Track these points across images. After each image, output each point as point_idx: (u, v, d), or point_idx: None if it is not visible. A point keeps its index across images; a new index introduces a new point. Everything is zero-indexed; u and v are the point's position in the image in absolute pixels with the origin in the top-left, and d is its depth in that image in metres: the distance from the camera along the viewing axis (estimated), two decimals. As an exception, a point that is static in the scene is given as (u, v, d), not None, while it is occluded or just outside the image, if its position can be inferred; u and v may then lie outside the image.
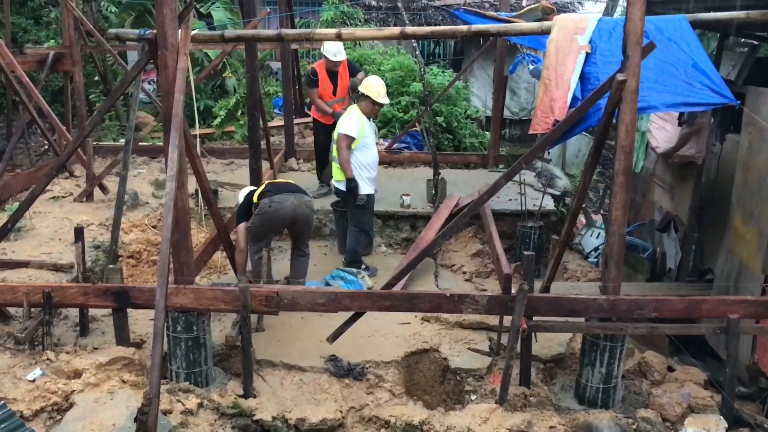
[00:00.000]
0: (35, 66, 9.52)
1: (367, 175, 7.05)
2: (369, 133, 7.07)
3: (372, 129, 7.20)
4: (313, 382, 5.23)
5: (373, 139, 7.16)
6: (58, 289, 5.12)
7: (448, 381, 5.56)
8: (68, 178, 9.28)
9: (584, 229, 10.18)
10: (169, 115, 4.65)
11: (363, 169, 7.01)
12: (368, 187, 7.08)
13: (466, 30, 5.71)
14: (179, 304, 4.83)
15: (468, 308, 4.92)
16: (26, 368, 4.91)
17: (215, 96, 14.02)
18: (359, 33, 6.69)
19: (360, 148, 6.97)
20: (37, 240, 7.10)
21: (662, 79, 4.99)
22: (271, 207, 6.01)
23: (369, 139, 7.06)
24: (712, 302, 4.93)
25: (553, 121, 5.15)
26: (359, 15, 15.08)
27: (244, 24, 8.19)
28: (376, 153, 7.20)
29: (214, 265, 7.25)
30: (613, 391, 5.00)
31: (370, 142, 7.06)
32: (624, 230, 4.83)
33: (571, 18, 5.58)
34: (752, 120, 6.40)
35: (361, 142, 6.95)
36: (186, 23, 4.82)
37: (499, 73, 10.08)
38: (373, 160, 7.13)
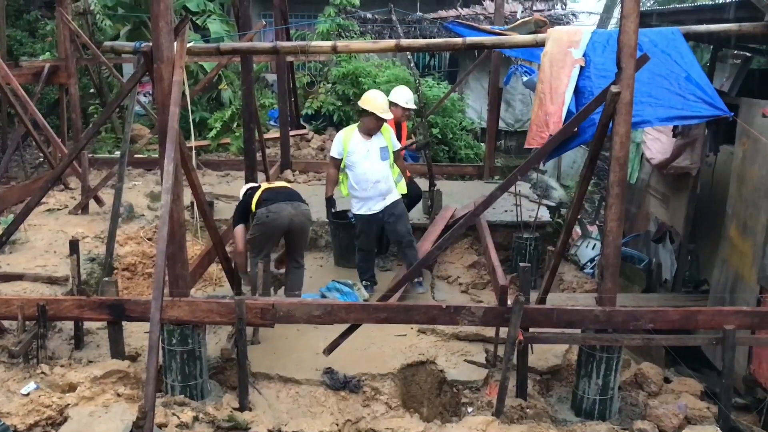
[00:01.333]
0: (31, 79, 9.53)
1: (356, 194, 6.81)
2: (358, 150, 6.70)
3: (372, 145, 6.73)
4: (309, 394, 5.21)
5: (365, 156, 6.70)
6: (52, 302, 5.10)
7: (445, 393, 5.54)
8: (63, 191, 9.27)
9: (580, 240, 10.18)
10: (165, 127, 4.66)
11: (352, 188, 6.83)
12: (357, 207, 6.85)
13: (461, 42, 5.74)
14: (174, 316, 4.81)
15: (464, 320, 4.92)
16: (20, 382, 4.87)
17: (211, 108, 14.02)
18: (355, 45, 6.75)
19: (348, 166, 6.77)
20: (32, 253, 7.07)
21: (656, 93, 5.01)
22: (269, 217, 5.97)
23: (356, 156, 6.70)
24: (708, 313, 4.93)
25: (548, 135, 5.17)
26: (355, 27, 15.13)
27: (240, 37, 8.20)
28: (368, 170, 6.69)
29: (210, 278, 7.23)
30: (610, 403, 4.99)
31: (357, 160, 6.70)
32: (619, 241, 4.84)
33: (565, 31, 5.62)
34: (746, 131, 6.44)
35: (347, 160, 6.74)
36: (182, 36, 4.83)
37: (494, 84, 10.13)
38: (361, 179, 6.72)
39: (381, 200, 6.78)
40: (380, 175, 6.72)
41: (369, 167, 6.69)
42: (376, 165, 6.71)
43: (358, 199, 6.83)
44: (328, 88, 13.69)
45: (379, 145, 6.76)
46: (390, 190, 6.84)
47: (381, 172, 6.73)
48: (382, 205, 6.78)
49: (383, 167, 6.75)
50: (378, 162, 6.72)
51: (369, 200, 6.76)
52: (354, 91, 13.12)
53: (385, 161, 6.77)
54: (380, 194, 6.76)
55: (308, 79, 14.43)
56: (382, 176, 6.73)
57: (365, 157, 6.69)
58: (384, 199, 6.78)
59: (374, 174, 6.70)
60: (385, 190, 6.78)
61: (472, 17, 15.63)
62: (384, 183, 6.75)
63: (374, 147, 6.73)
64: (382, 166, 6.75)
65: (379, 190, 6.74)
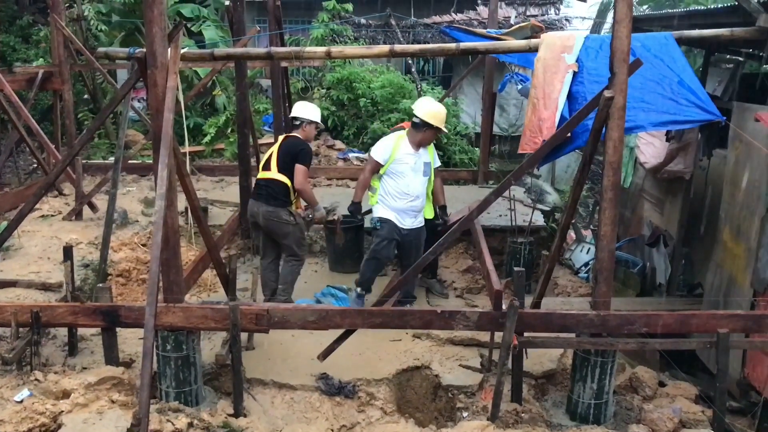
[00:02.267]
0: (24, 85, 9.51)
1: (388, 204, 6.43)
2: (406, 160, 6.37)
3: (419, 158, 6.41)
4: (304, 400, 5.21)
5: (412, 168, 6.37)
6: (46, 309, 5.09)
7: (440, 398, 5.54)
8: (57, 197, 9.25)
9: (574, 244, 10.23)
10: (159, 133, 4.65)
11: (388, 195, 6.43)
12: (386, 212, 6.45)
13: (455, 48, 5.75)
14: (169, 322, 4.80)
15: (459, 325, 4.92)
16: (14, 389, 4.85)
17: (205, 114, 14.04)
18: (349, 51, 6.74)
19: (390, 173, 6.39)
20: (26, 259, 7.06)
21: (649, 98, 5.04)
22: (249, 215, 6.34)
23: (404, 166, 6.36)
24: (702, 317, 4.94)
25: (541, 140, 5.19)
26: (349, 33, 15.16)
27: (234, 42, 8.20)
28: (410, 183, 6.38)
29: (204, 284, 7.22)
30: (605, 407, 4.99)
31: (404, 170, 6.36)
32: (613, 246, 4.85)
33: (558, 36, 5.65)
34: (739, 135, 6.47)
35: (391, 168, 6.38)
36: (175, 42, 4.83)
37: (489, 90, 10.15)
38: (403, 191, 6.38)
39: (413, 218, 6.50)
40: (420, 191, 6.45)
41: (412, 180, 6.40)
42: (419, 179, 6.44)
43: (389, 208, 6.43)
44: (322, 93, 13.71)
45: (425, 160, 6.49)
46: (422, 209, 6.58)
47: (421, 187, 6.47)
48: (411, 224, 6.49)
49: (423, 183, 6.50)
50: (421, 177, 6.45)
51: (401, 212, 6.43)
52: (348, 96, 13.13)
53: (426, 177, 6.52)
54: (414, 211, 6.48)
55: (303, 85, 14.44)
56: (422, 192, 6.48)
57: (412, 169, 6.39)
58: (415, 218, 6.52)
59: (416, 189, 6.41)
60: (419, 207, 6.52)
61: (466, 22, 15.65)
62: (421, 200, 6.50)
63: (421, 160, 6.44)
64: (423, 182, 6.49)
65: (414, 207, 6.46)
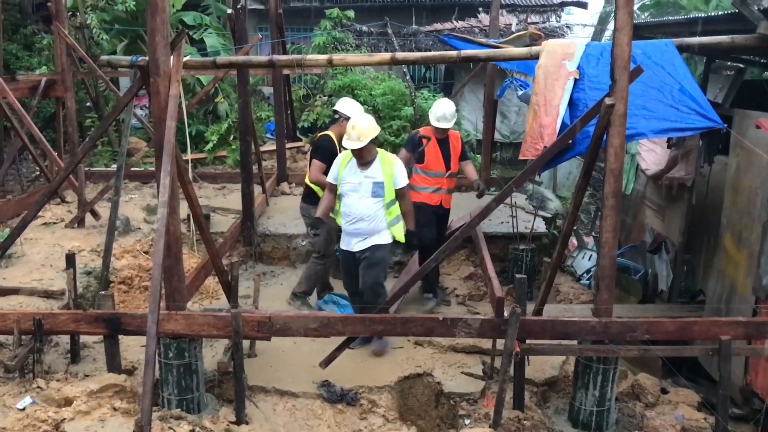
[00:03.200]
0: (27, 92, 9.55)
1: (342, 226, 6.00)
2: (349, 180, 5.86)
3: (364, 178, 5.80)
4: (305, 407, 5.20)
5: (353, 188, 5.82)
6: (48, 316, 5.09)
7: (442, 405, 5.53)
8: (60, 204, 9.27)
9: (576, 251, 10.21)
10: (161, 141, 4.67)
11: (338, 215, 6.05)
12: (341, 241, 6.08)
13: (456, 55, 5.77)
14: (171, 330, 4.81)
15: (461, 332, 4.92)
16: (16, 396, 4.86)
17: (207, 121, 14.07)
18: (350, 59, 6.77)
19: (339, 196, 5.96)
20: (28, 266, 7.07)
21: (649, 105, 5.04)
22: None
23: (346, 186, 5.87)
24: (704, 324, 4.94)
25: (542, 147, 5.20)
26: (350, 40, 15.21)
27: (236, 50, 8.24)
28: (354, 207, 5.81)
29: (207, 291, 7.23)
30: (607, 414, 4.98)
31: (346, 191, 5.86)
32: (615, 253, 4.85)
33: (559, 43, 5.66)
34: (740, 142, 6.47)
35: (339, 189, 5.94)
36: (178, 50, 4.85)
37: (490, 97, 10.17)
38: (345, 212, 5.89)
39: (360, 240, 5.89)
40: (365, 213, 5.79)
41: (355, 201, 5.82)
42: (363, 201, 5.80)
43: (342, 232, 6.04)
44: (324, 100, 13.75)
45: (374, 180, 5.79)
46: (374, 231, 5.85)
47: (367, 209, 5.79)
48: (361, 246, 5.89)
49: (370, 205, 5.79)
50: (368, 198, 5.79)
51: (348, 236, 5.95)
52: (350, 104, 13.14)
53: (376, 199, 5.79)
54: (360, 234, 5.87)
55: (304, 92, 14.49)
56: (367, 215, 5.79)
57: (354, 190, 5.83)
58: (364, 240, 5.88)
59: (359, 210, 5.80)
60: (368, 230, 5.84)
61: (467, 30, 15.72)
62: (368, 222, 5.80)
63: (368, 180, 5.79)
64: (369, 203, 5.79)
65: (359, 229, 5.85)
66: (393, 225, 5.91)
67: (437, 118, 6.83)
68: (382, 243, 5.90)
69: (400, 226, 5.95)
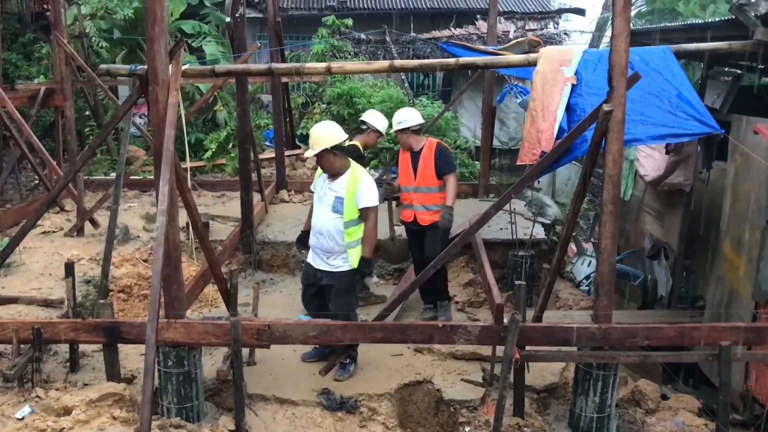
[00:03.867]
0: (26, 102, 9.57)
1: None
2: (317, 189, 5.69)
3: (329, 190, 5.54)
4: (305, 416, 5.19)
5: (318, 199, 5.63)
6: (47, 325, 5.08)
7: (442, 413, 5.52)
8: (59, 213, 9.26)
9: (575, 257, 10.22)
10: (160, 149, 4.67)
11: None
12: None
13: (454, 63, 5.79)
14: (170, 338, 4.80)
15: (460, 339, 4.91)
16: (15, 406, 4.84)
17: (206, 129, 14.10)
18: (349, 66, 6.79)
19: None
20: (27, 275, 7.06)
21: (647, 111, 5.06)
22: None
23: (315, 196, 5.70)
24: (704, 329, 4.94)
25: (540, 152, 5.21)
26: (348, 48, 15.26)
27: (235, 58, 8.26)
28: (316, 218, 5.60)
29: (206, 299, 7.22)
30: (607, 421, 4.97)
31: (315, 200, 5.69)
32: (614, 259, 4.85)
33: (557, 50, 5.69)
34: (738, 148, 6.49)
35: None
36: (177, 59, 4.86)
37: (488, 103, 10.19)
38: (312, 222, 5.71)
39: (322, 259, 5.59)
40: (324, 227, 5.49)
41: (317, 212, 5.60)
42: (323, 214, 5.52)
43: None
44: (323, 108, 13.78)
45: (336, 194, 5.46)
46: (333, 251, 5.51)
47: (326, 224, 5.48)
48: (322, 266, 5.60)
49: (328, 220, 5.47)
50: (327, 212, 5.48)
51: (312, 248, 5.68)
52: (349, 111, 13.21)
53: (335, 214, 5.45)
54: (321, 249, 5.57)
55: (303, 100, 14.53)
56: (326, 229, 5.47)
57: (318, 200, 5.63)
58: (326, 260, 5.57)
59: (319, 224, 5.54)
60: (327, 248, 5.51)
61: (465, 37, 15.77)
62: (327, 239, 5.49)
63: (331, 193, 5.50)
64: (328, 218, 5.47)
65: (320, 244, 5.56)
66: (351, 248, 5.49)
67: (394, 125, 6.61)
68: (342, 271, 5.52)
69: (357, 250, 5.51)
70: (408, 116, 6.53)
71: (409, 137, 6.54)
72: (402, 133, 6.55)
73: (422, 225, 6.57)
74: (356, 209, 5.44)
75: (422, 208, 6.55)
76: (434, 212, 6.49)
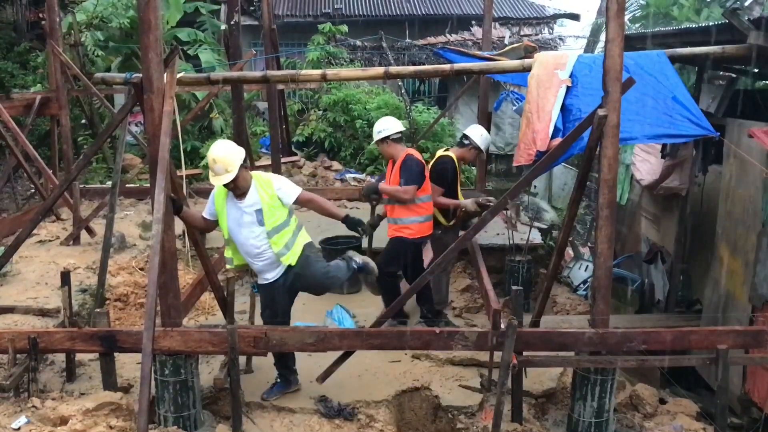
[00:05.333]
0: (22, 110, 9.56)
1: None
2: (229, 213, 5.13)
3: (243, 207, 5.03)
4: (303, 423, 5.17)
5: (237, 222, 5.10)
6: (44, 335, 5.06)
7: (440, 419, 5.51)
8: (55, 222, 9.25)
9: (572, 262, 10.22)
10: (155, 157, 4.67)
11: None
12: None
13: (449, 69, 5.80)
14: (167, 347, 4.78)
15: (458, 345, 4.90)
16: (11, 416, 4.81)
17: (202, 137, 14.09)
18: (344, 73, 6.78)
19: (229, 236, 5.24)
20: (23, 285, 7.04)
21: (643, 112, 5.09)
22: None
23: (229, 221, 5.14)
24: (701, 333, 4.94)
25: (535, 152, 5.23)
26: (344, 55, 15.29)
27: (231, 66, 8.27)
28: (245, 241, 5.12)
29: (202, 307, 7.21)
30: (606, 425, 4.96)
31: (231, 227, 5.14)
32: (610, 263, 4.85)
33: (551, 54, 5.71)
34: (733, 152, 6.50)
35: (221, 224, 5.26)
36: (171, 67, 4.86)
37: (484, 109, 10.21)
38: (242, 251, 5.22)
39: (274, 267, 5.21)
40: (259, 245, 5.08)
41: (245, 240, 5.12)
42: (252, 234, 5.08)
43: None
44: (319, 114, 13.79)
45: (254, 208, 5.03)
46: (282, 253, 5.12)
47: (258, 241, 5.07)
48: (281, 269, 5.22)
49: (260, 236, 5.06)
50: (255, 228, 5.06)
51: (260, 272, 5.27)
52: (345, 118, 13.22)
53: (264, 226, 5.04)
54: (269, 263, 5.19)
55: (299, 107, 14.53)
56: (262, 246, 5.09)
57: (236, 228, 5.13)
58: (278, 266, 5.20)
59: (251, 247, 5.12)
60: (273, 260, 5.15)
61: (461, 43, 15.82)
62: (268, 254, 5.12)
63: (248, 211, 5.05)
64: (260, 234, 5.05)
65: (265, 262, 5.17)
66: (283, 255, 5.10)
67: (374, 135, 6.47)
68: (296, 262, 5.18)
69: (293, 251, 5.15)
70: (386, 125, 6.39)
71: (389, 146, 6.40)
72: (382, 143, 6.42)
73: (389, 237, 6.45)
74: (284, 209, 5.08)
75: (393, 221, 6.41)
76: (399, 227, 6.32)
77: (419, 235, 6.36)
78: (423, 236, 6.44)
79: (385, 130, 6.36)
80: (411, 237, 6.32)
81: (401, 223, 6.32)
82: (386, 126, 6.39)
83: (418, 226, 6.31)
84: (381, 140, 6.41)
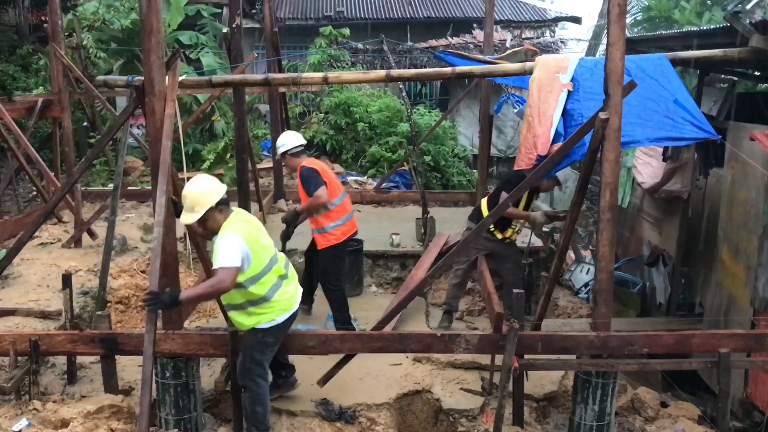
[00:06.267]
0: (24, 113, 9.56)
1: None
2: None
3: None
4: (304, 426, 5.17)
5: None
6: (45, 337, 5.06)
7: (441, 422, 5.50)
8: (56, 224, 9.25)
9: (574, 265, 10.21)
10: (157, 160, 4.68)
11: None
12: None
13: (451, 72, 5.80)
14: (168, 349, 4.78)
15: (459, 348, 4.90)
16: (12, 419, 4.81)
17: (204, 139, 14.11)
18: (346, 76, 6.79)
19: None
20: (25, 287, 7.04)
21: (645, 115, 5.09)
22: None
23: None
24: (703, 336, 4.93)
25: (536, 156, 5.23)
26: (346, 58, 15.30)
27: (232, 69, 8.27)
28: None
29: (203, 310, 7.20)
30: (607, 429, 4.95)
31: None
32: (612, 266, 4.85)
33: (553, 58, 5.71)
34: (735, 155, 6.50)
35: None
36: (173, 70, 4.87)
37: (485, 112, 10.19)
38: None
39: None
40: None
41: None
42: None
43: None
44: (320, 117, 13.80)
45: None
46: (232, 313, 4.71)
47: None
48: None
49: None
50: None
51: None
52: (346, 121, 13.24)
53: None
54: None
55: (301, 110, 14.54)
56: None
57: None
58: None
59: None
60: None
61: (462, 46, 15.82)
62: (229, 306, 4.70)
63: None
64: None
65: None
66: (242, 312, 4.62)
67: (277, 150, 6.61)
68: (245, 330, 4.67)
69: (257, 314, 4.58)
70: (285, 140, 6.51)
71: (290, 161, 6.51)
72: (283, 158, 6.56)
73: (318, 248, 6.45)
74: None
75: (314, 231, 6.47)
76: (326, 235, 6.34)
77: (345, 237, 6.47)
78: (349, 236, 6.53)
79: (284, 145, 6.50)
80: (339, 242, 6.41)
81: (326, 232, 6.37)
82: (284, 141, 6.53)
83: (341, 229, 6.40)
84: (282, 155, 6.54)
